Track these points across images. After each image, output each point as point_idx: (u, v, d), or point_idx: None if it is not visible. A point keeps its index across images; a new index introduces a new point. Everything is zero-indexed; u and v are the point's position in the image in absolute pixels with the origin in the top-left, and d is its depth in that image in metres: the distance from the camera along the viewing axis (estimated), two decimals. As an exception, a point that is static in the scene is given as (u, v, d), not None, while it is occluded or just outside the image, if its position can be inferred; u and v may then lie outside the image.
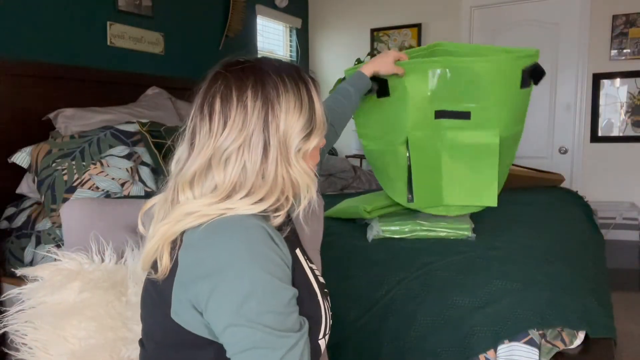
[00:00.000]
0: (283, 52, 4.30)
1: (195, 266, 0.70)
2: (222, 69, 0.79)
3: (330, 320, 0.83)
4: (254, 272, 0.68)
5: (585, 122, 3.60)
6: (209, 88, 0.78)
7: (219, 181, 0.75)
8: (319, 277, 0.86)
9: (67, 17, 2.43)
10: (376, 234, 1.59)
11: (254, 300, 0.67)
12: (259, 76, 0.76)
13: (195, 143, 0.77)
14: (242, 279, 0.68)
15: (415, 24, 4.05)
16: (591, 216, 2.36)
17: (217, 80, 0.77)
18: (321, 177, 2.73)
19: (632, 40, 3.39)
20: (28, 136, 2.08)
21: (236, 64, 0.78)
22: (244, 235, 0.71)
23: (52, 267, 0.90)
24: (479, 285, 1.23)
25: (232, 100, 0.75)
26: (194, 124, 0.78)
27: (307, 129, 0.78)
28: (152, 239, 0.75)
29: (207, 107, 0.76)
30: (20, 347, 0.84)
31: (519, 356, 1.09)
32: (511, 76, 1.42)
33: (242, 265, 0.68)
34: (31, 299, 0.86)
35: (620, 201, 3.48)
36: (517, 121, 1.54)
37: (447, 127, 1.46)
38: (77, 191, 1.81)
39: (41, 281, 0.87)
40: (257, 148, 0.75)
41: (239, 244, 0.69)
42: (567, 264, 1.38)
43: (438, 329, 1.17)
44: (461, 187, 1.51)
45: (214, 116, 0.75)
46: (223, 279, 0.68)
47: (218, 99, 0.76)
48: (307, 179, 0.79)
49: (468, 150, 1.47)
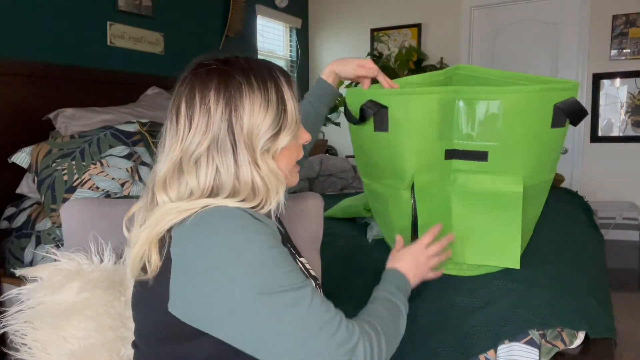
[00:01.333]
0: (283, 52, 4.30)
1: (192, 258, 0.71)
2: (188, 72, 0.81)
3: None
4: (251, 248, 0.70)
5: (585, 122, 3.60)
6: (177, 92, 0.80)
7: (193, 186, 0.76)
8: (310, 270, 0.88)
9: (67, 17, 2.43)
10: (376, 234, 1.59)
11: (263, 274, 0.69)
12: (222, 78, 0.78)
13: (165, 146, 0.80)
14: (242, 259, 0.69)
15: (415, 24, 4.06)
16: (591, 216, 2.36)
17: (183, 83, 0.80)
18: (321, 177, 2.73)
19: (632, 40, 3.39)
20: (28, 136, 2.08)
21: (202, 67, 0.80)
22: (230, 219, 0.72)
23: (52, 268, 0.90)
24: (479, 285, 1.23)
25: (195, 103, 0.77)
26: (164, 128, 0.81)
27: (274, 127, 0.79)
28: (136, 245, 0.76)
29: (174, 111, 0.79)
30: (19, 347, 0.84)
31: (519, 356, 1.09)
32: (540, 112, 1.13)
33: (238, 246, 0.70)
34: (30, 299, 0.86)
35: (620, 201, 3.48)
36: (546, 168, 1.24)
37: (459, 169, 1.18)
38: (77, 191, 1.81)
39: (40, 281, 0.87)
40: (227, 151, 0.76)
41: (230, 227, 0.71)
42: (567, 264, 1.38)
43: (438, 329, 1.17)
44: (476, 243, 1.23)
45: (180, 119, 0.78)
46: (225, 265, 0.69)
47: (183, 102, 0.78)
48: (274, 180, 0.79)
49: (485, 198, 1.18)
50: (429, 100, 1.13)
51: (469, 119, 1.14)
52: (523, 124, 1.12)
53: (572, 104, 1.13)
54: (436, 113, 1.13)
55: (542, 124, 1.14)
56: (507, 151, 1.14)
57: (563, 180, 2.83)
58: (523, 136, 1.13)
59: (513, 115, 1.11)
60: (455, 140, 1.16)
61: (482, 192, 1.18)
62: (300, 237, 1.23)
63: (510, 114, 1.11)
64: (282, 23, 4.21)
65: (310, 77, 4.53)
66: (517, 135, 1.13)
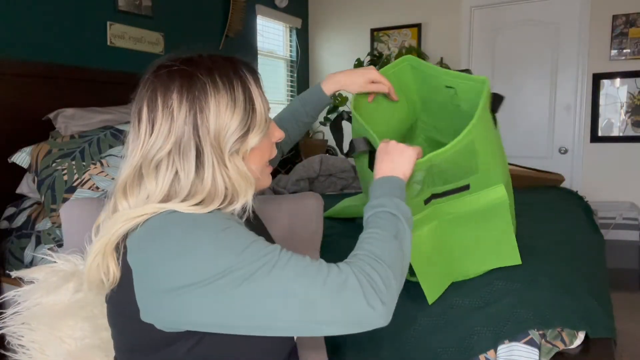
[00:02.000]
0: (283, 52, 4.30)
1: (149, 265, 0.69)
2: (150, 74, 0.77)
3: None
4: (203, 241, 0.67)
5: (585, 122, 3.60)
6: (138, 95, 0.77)
7: (150, 190, 0.74)
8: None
9: (67, 17, 2.43)
10: (376, 234, 1.58)
11: (224, 260, 0.66)
12: (185, 79, 0.75)
13: (128, 150, 0.77)
14: (198, 256, 0.66)
15: (415, 24, 4.06)
16: (591, 216, 2.36)
17: (145, 86, 0.77)
18: (321, 177, 2.73)
19: (632, 40, 3.39)
20: (28, 136, 2.08)
21: (164, 68, 0.76)
22: (179, 221, 0.70)
23: (48, 269, 0.90)
24: (479, 285, 1.23)
25: (157, 106, 0.74)
26: (127, 131, 0.78)
27: (243, 127, 0.76)
28: (89, 257, 0.73)
29: (135, 115, 0.76)
30: (17, 349, 0.84)
31: (519, 356, 1.09)
32: (488, 125, 1.14)
33: (190, 244, 0.67)
34: (27, 300, 0.86)
35: (620, 201, 3.48)
36: (505, 160, 1.31)
37: (441, 202, 1.18)
38: (77, 191, 1.81)
39: (37, 283, 0.87)
40: (189, 154, 0.73)
41: (179, 227, 0.69)
42: (567, 264, 1.38)
43: (438, 329, 1.17)
44: (476, 256, 1.27)
45: (142, 123, 0.75)
46: (184, 266, 0.66)
47: (145, 106, 0.75)
48: (243, 182, 0.76)
49: (473, 216, 1.20)
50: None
51: (446, 171, 1.10)
52: (488, 144, 1.12)
53: (496, 98, 1.18)
54: (411, 188, 1.08)
55: (492, 131, 1.17)
56: (486, 173, 1.14)
57: (563, 180, 2.82)
58: (491, 153, 1.14)
59: (482, 139, 1.08)
60: (433, 189, 1.14)
61: (469, 212, 1.18)
62: (300, 237, 1.23)
63: (482, 140, 1.08)
64: (282, 23, 4.21)
65: (310, 77, 4.53)
66: (487, 154, 1.12)
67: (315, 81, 4.50)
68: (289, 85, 4.36)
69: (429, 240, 1.20)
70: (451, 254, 1.24)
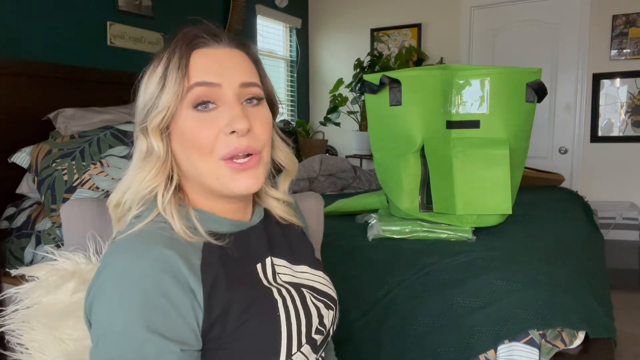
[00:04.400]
0: (283, 52, 4.30)
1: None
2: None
3: (309, 328, 0.73)
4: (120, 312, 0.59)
5: (585, 122, 3.60)
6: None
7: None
8: (301, 286, 0.77)
9: (67, 17, 2.43)
10: (376, 234, 1.59)
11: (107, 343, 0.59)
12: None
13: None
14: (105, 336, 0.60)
15: (415, 24, 4.06)
16: (591, 216, 2.36)
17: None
18: (321, 177, 2.73)
19: (632, 40, 3.39)
20: (28, 136, 2.08)
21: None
22: (116, 262, 0.63)
23: (48, 268, 0.90)
24: (479, 285, 1.23)
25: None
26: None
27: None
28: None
29: None
30: (16, 348, 0.84)
31: (519, 356, 1.09)
32: (517, 88, 1.49)
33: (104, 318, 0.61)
34: (27, 299, 0.86)
35: (620, 201, 3.48)
36: (523, 136, 1.58)
37: (457, 137, 1.51)
38: (77, 191, 1.81)
39: (37, 281, 0.87)
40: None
41: (113, 280, 0.62)
42: (567, 264, 1.38)
43: (438, 329, 1.17)
44: (474, 196, 1.49)
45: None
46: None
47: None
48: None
49: (479, 158, 1.48)
50: (433, 78, 1.50)
51: (465, 93, 1.49)
52: (506, 97, 1.49)
53: (539, 84, 1.52)
54: (439, 89, 1.49)
55: (519, 98, 1.51)
56: (495, 119, 1.49)
57: (563, 180, 2.82)
58: (506, 106, 1.49)
59: (498, 89, 1.48)
60: (453, 112, 1.51)
61: (476, 154, 1.48)
62: (300, 237, 1.23)
63: (497, 89, 1.47)
64: (282, 23, 4.21)
65: (310, 77, 4.53)
66: (502, 106, 1.49)
67: (316, 81, 4.50)
68: (289, 85, 4.36)
69: (443, 166, 1.49)
70: (456, 182, 1.48)
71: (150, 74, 0.70)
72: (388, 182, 1.68)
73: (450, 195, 1.50)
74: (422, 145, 1.52)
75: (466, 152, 1.48)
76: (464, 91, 1.50)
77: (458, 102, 1.51)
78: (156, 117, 0.68)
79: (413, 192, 1.57)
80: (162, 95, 0.67)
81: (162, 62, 0.69)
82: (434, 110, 1.51)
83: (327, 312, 0.78)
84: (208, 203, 0.73)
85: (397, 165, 1.58)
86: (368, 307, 1.27)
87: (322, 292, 0.80)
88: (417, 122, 1.51)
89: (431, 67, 1.59)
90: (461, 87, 1.50)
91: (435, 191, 1.53)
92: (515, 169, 1.57)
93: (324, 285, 0.82)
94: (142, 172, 0.70)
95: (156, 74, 0.69)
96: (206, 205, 0.73)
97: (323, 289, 0.81)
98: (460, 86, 1.50)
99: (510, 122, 1.50)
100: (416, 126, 1.52)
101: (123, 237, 0.66)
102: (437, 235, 1.54)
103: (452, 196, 1.50)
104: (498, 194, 1.48)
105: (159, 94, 0.68)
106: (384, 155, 1.66)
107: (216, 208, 0.73)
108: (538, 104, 1.57)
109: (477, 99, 1.49)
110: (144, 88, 0.71)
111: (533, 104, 1.55)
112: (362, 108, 4.00)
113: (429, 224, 1.56)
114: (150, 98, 0.69)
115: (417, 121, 1.51)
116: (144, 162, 0.70)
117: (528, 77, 1.51)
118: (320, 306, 0.77)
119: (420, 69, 1.64)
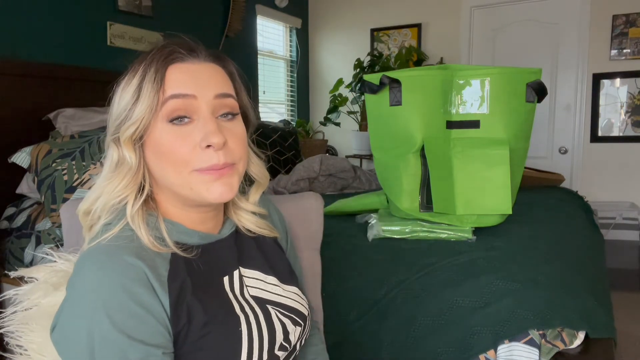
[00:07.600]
0: (283, 52, 4.30)
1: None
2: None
3: (273, 338, 0.73)
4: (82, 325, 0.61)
5: (585, 122, 3.60)
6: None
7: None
8: (267, 302, 0.77)
9: (67, 17, 2.43)
10: (376, 234, 1.59)
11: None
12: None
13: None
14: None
15: (415, 24, 4.06)
16: (591, 216, 2.36)
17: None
18: (321, 177, 2.73)
19: (632, 40, 3.39)
20: (28, 136, 2.08)
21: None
22: (83, 274, 0.64)
23: (47, 269, 0.90)
24: (479, 285, 1.23)
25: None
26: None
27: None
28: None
29: None
30: (15, 350, 0.84)
31: (519, 356, 1.09)
32: (517, 88, 1.51)
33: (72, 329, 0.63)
34: (26, 300, 0.86)
35: (620, 201, 3.48)
36: (523, 136, 1.58)
37: (457, 137, 1.52)
38: (77, 191, 1.81)
39: (36, 283, 0.87)
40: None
41: (79, 289, 0.63)
42: (567, 264, 1.38)
43: (438, 329, 1.17)
44: (474, 196, 1.50)
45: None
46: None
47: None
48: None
49: (479, 158, 1.49)
50: (433, 78, 1.50)
51: (465, 93, 1.50)
52: (506, 97, 1.49)
53: (539, 84, 1.52)
54: (439, 89, 1.50)
55: (519, 98, 1.51)
56: (495, 119, 1.49)
57: (563, 180, 2.82)
58: (506, 106, 1.50)
59: (498, 89, 1.48)
60: (453, 112, 1.51)
61: (476, 154, 1.48)
62: (300, 237, 1.23)
63: (497, 89, 1.48)
64: (282, 23, 4.21)
65: (310, 77, 4.53)
66: (502, 106, 1.49)
67: (316, 81, 4.50)
68: (289, 85, 4.36)
69: (443, 166, 1.49)
70: (456, 183, 1.48)
71: (125, 86, 0.71)
72: (388, 182, 1.67)
73: (450, 195, 1.50)
74: (422, 145, 1.51)
75: (466, 152, 1.49)
76: (464, 91, 1.51)
77: (458, 102, 1.52)
78: (129, 128, 0.69)
79: (413, 192, 1.57)
80: (136, 108, 0.68)
81: (138, 75, 0.69)
82: (434, 110, 1.51)
83: (294, 328, 0.78)
84: (178, 213, 0.74)
85: (397, 165, 1.57)
86: (368, 307, 1.27)
87: (290, 308, 0.80)
88: (417, 122, 1.51)
89: (431, 67, 1.58)
90: (461, 87, 1.51)
91: (435, 191, 1.53)
92: (515, 169, 1.57)
93: (294, 301, 0.82)
94: (112, 181, 0.71)
95: (131, 86, 0.69)
96: (176, 215, 0.74)
97: (292, 304, 0.81)
98: (460, 86, 1.51)
99: (510, 122, 1.51)
100: (416, 126, 1.52)
101: (92, 246, 0.67)
102: (437, 235, 1.54)
103: (452, 196, 1.49)
104: (498, 194, 1.48)
105: (133, 106, 0.68)
106: (384, 155, 1.66)
107: (187, 218, 0.74)
108: (538, 104, 1.57)
109: (477, 99, 1.50)
110: (118, 98, 0.71)
111: (533, 104, 1.55)
112: (362, 108, 4.00)
113: (429, 224, 1.56)
114: (124, 109, 0.69)
115: (417, 121, 1.51)
116: (115, 172, 0.71)
117: (528, 77, 1.52)
118: (286, 322, 0.77)
119: (420, 69, 1.63)
